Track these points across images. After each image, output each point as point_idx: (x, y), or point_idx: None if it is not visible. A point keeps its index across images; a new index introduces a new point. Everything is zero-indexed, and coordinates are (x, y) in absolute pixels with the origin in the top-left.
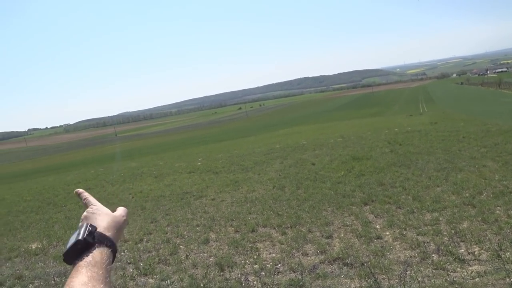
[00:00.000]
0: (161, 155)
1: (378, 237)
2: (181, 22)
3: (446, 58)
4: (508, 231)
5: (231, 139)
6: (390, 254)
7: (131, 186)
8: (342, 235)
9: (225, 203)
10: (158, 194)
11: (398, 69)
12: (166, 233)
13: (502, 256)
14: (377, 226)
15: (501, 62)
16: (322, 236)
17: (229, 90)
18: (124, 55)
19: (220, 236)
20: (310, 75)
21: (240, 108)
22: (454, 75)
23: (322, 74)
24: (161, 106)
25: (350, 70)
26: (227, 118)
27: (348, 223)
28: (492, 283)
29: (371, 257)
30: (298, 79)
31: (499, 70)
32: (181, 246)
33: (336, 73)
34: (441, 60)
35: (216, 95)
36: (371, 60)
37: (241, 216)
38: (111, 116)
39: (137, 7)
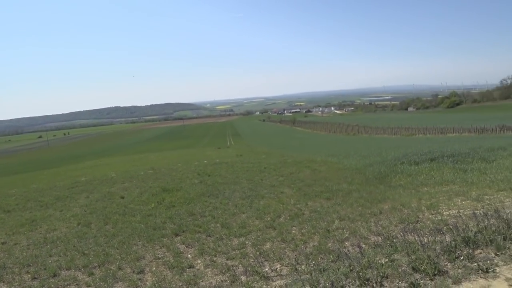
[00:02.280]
0: None
1: (190, 266)
2: None
3: (251, 97)
4: (303, 247)
5: (28, 172)
6: (202, 281)
7: None
8: (154, 268)
9: (20, 246)
10: None
11: (208, 104)
12: None
13: (299, 269)
14: (189, 255)
15: (296, 103)
16: (133, 272)
17: (27, 116)
18: None
19: (13, 287)
20: (121, 105)
21: (40, 137)
22: (258, 112)
23: (134, 104)
24: None
25: (163, 102)
26: (24, 148)
27: (160, 256)
28: None
29: (184, 287)
30: (108, 108)
31: (294, 110)
32: None
33: (149, 104)
34: (246, 99)
35: (11, 120)
36: (183, 94)
37: (40, 259)
38: None
39: None
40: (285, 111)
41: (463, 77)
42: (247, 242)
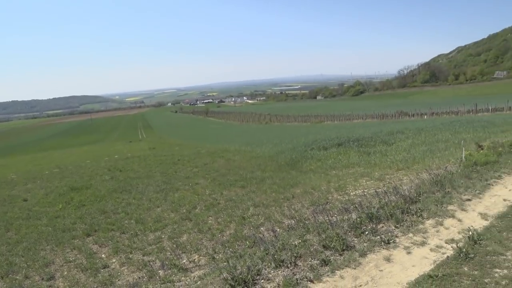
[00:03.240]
0: None
1: (105, 266)
2: None
3: (162, 89)
4: (219, 236)
5: None
6: (118, 280)
7: None
8: (66, 272)
9: None
10: None
11: (117, 97)
12: None
13: (216, 257)
14: (103, 255)
15: (208, 94)
16: (42, 279)
17: None
18: None
19: None
20: (20, 99)
21: None
22: (170, 104)
23: (35, 98)
24: None
25: (67, 95)
26: None
27: (71, 259)
28: (210, 282)
29: None
30: (3, 102)
31: (206, 101)
32: None
33: (51, 97)
34: (158, 90)
35: None
36: (89, 86)
37: None
38: None
39: None
40: (198, 102)
41: (366, 68)
42: (163, 236)
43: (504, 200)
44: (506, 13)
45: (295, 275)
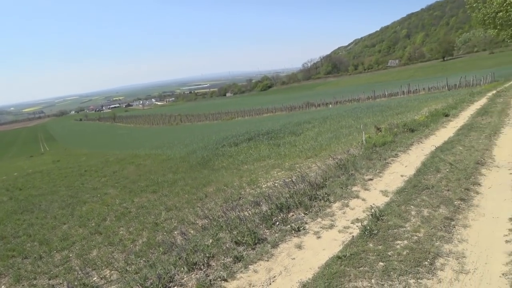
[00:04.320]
0: None
1: None
2: None
3: (63, 96)
4: (131, 246)
5: None
6: None
7: None
8: None
9: None
10: None
11: (12, 108)
12: None
13: (129, 269)
14: (2, 286)
15: (114, 98)
16: None
17: None
18: None
19: None
20: None
21: None
22: (73, 112)
23: None
24: None
25: None
26: None
27: None
28: None
29: None
30: None
31: (113, 105)
32: None
33: None
34: (58, 98)
35: None
36: None
37: None
38: None
39: None
40: (104, 108)
41: (272, 63)
42: (71, 255)
43: (402, 176)
44: (395, 7)
45: (208, 276)
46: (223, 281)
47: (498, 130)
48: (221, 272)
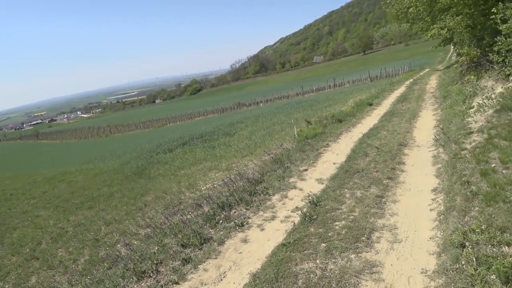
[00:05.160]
0: None
1: None
2: None
3: None
4: (73, 266)
5: None
6: None
7: None
8: None
9: None
10: None
11: None
12: None
13: None
14: None
15: (35, 114)
16: None
17: None
18: None
19: None
20: None
21: None
22: None
23: None
24: None
25: None
26: None
27: None
28: None
29: None
30: None
31: (35, 122)
32: None
33: None
34: None
35: None
36: None
37: None
38: None
39: None
40: (25, 125)
41: (200, 66)
42: (6, 286)
43: (334, 163)
44: (317, 5)
45: (159, 282)
46: (174, 284)
47: (416, 114)
48: (171, 276)
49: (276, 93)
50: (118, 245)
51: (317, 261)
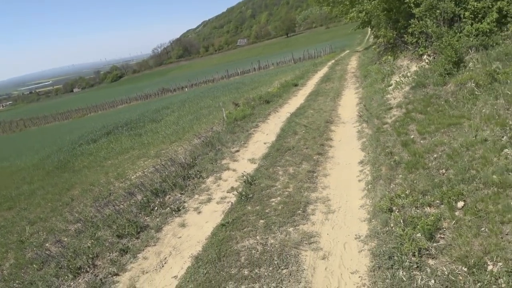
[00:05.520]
0: None
1: None
2: None
3: None
4: None
5: None
6: None
7: None
8: None
9: None
10: None
11: None
12: None
13: None
14: None
15: None
16: None
17: None
18: None
19: None
20: None
21: None
22: None
23: None
24: None
25: None
26: None
27: None
28: None
29: None
30: None
31: None
32: None
33: None
34: None
35: None
36: None
37: None
38: None
39: None
40: None
41: (119, 51)
42: None
43: (264, 143)
44: None
45: (97, 276)
46: (114, 276)
47: (340, 93)
48: (110, 268)
49: (201, 77)
50: (47, 244)
51: (257, 237)
